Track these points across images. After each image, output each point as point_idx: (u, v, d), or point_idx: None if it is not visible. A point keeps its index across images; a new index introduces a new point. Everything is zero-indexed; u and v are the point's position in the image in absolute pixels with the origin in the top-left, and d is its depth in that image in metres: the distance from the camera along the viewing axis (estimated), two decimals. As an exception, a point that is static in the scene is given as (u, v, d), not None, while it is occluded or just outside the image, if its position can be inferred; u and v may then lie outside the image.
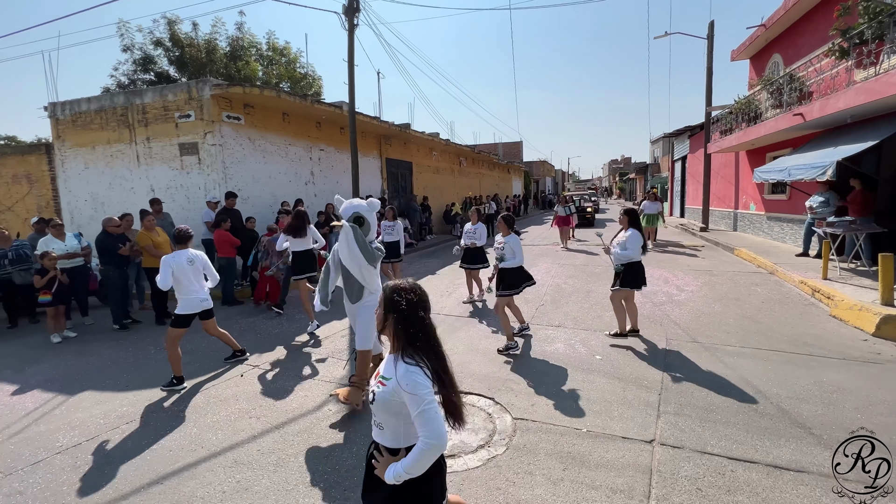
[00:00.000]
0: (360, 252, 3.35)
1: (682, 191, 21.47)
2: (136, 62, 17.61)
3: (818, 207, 8.02)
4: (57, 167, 10.12)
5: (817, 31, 9.53)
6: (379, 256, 3.51)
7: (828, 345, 4.44)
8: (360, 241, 3.33)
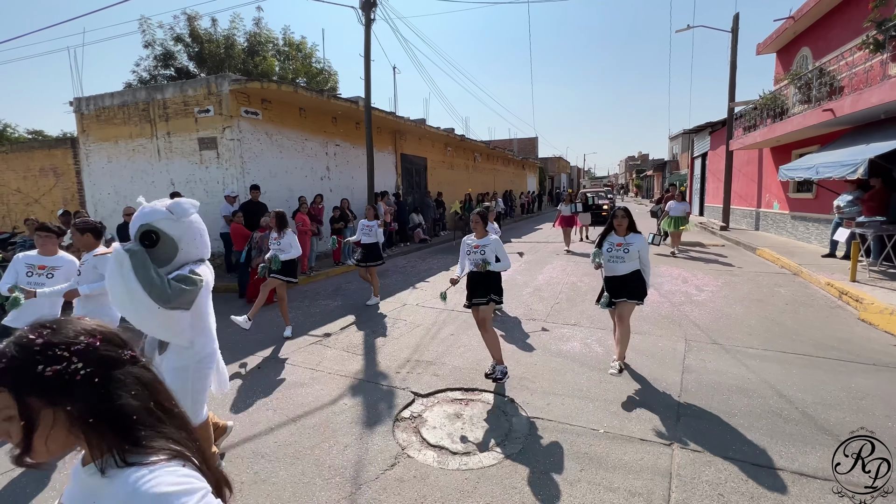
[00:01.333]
0: (141, 289, 1.96)
1: (702, 188, 21.00)
2: (156, 58, 17.95)
3: (846, 207, 7.76)
4: (82, 161, 10.40)
5: (850, 24, 9.16)
6: (182, 293, 2.06)
7: (856, 349, 4.28)
8: (140, 272, 1.97)
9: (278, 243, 5.16)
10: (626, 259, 3.73)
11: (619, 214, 3.80)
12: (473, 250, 3.85)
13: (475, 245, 3.85)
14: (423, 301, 6.65)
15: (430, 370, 4.12)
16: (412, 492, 2.46)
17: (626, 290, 3.77)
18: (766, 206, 13.39)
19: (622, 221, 3.78)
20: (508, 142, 39.07)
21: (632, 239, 3.75)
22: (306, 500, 2.42)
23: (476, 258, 3.81)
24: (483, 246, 3.82)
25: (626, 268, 3.76)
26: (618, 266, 3.77)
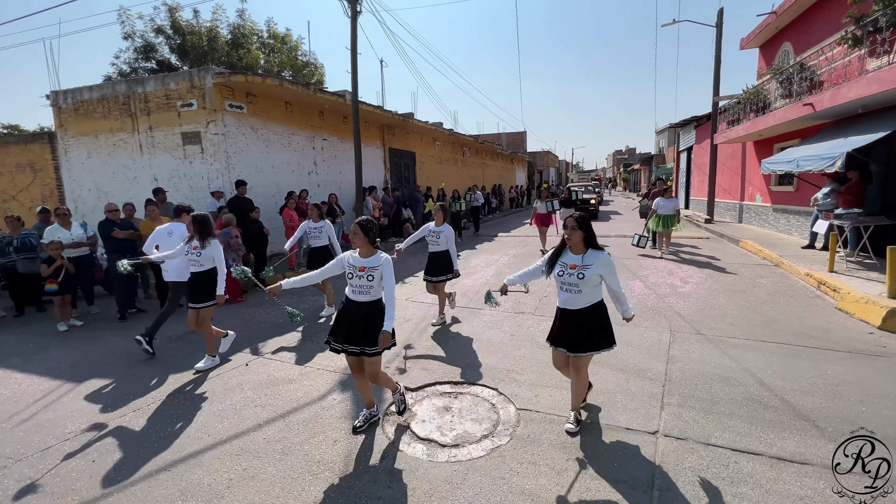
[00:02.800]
0: None
1: (688, 182, 21.29)
2: (137, 50, 17.51)
3: (823, 199, 7.97)
4: (60, 156, 10.12)
5: (830, 19, 9.33)
6: None
7: (833, 337, 4.42)
8: None
9: (198, 253, 4.12)
10: (583, 287, 2.75)
11: (569, 225, 2.78)
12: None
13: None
14: (412, 296, 6.66)
15: (419, 364, 4.14)
16: (402, 485, 2.48)
17: (586, 332, 2.78)
18: (749, 199, 13.64)
19: (574, 234, 2.76)
20: (497, 136, 39.07)
21: (591, 259, 2.75)
22: (296, 496, 2.43)
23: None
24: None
25: (584, 299, 2.78)
26: (574, 297, 2.79)
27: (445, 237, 4.99)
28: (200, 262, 4.18)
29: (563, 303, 2.89)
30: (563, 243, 2.88)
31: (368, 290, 2.90)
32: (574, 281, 2.76)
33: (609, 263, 2.77)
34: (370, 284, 2.89)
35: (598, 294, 2.85)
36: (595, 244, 2.82)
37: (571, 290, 2.80)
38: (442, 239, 5.01)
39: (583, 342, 2.80)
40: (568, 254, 2.86)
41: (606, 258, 2.77)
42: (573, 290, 2.79)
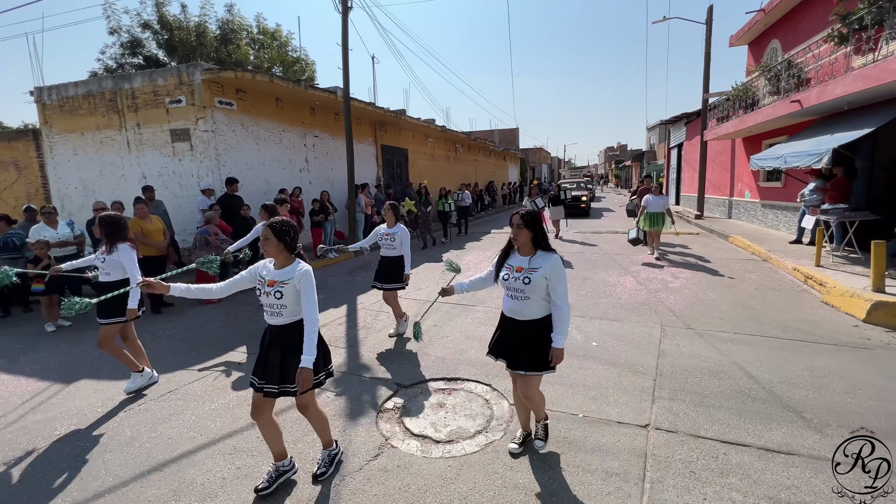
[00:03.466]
0: None
1: (678, 178, 21.50)
2: (123, 45, 17.20)
3: (809, 195, 8.11)
4: (45, 154, 9.93)
5: (817, 17, 9.45)
6: None
7: (819, 331, 4.51)
8: None
9: (102, 260, 3.64)
10: (531, 294, 2.42)
11: (514, 222, 2.48)
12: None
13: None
14: (405, 293, 6.65)
15: (412, 361, 4.14)
16: (396, 481, 2.50)
17: (528, 348, 2.46)
18: (738, 195, 13.82)
19: (520, 233, 2.46)
20: (489, 133, 39.09)
21: (539, 261, 2.42)
22: (290, 492, 2.43)
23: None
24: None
25: (531, 309, 2.45)
26: (520, 305, 2.47)
27: (400, 239, 4.56)
28: (106, 269, 3.66)
29: (507, 310, 2.57)
30: (510, 244, 2.58)
31: (280, 310, 2.34)
32: (520, 286, 2.43)
33: (558, 268, 2.40)
34: (281, 303, 2.32)
35: (547, 309, 2.48)
36: (545, 245, 2.49)
37: (517, 296, 2.47)
38: (396, 242, 4.58)
39: (523, 358, 2.48)
40: (515, 255, 2.56)
41: (556, 261, 2.41)
42: (519, 297, 2.46)
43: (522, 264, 2.47)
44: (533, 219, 2.47)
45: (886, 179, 8.38)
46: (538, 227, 2.47)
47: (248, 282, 2.54)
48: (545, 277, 2.39)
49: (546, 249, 2.48)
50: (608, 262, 8.33)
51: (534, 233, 2.46)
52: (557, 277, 2.39)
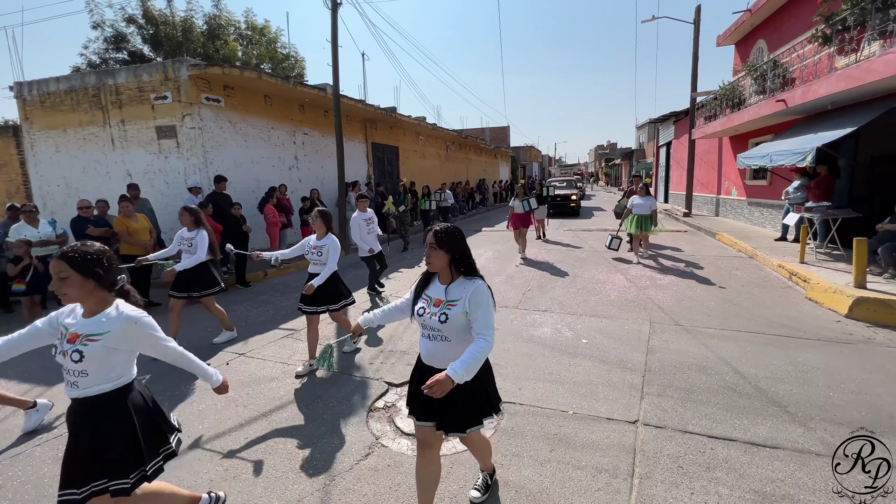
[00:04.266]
0: None
1: (667, 176, 21.74)
2: (107, 40, 16.86)
3: (793, 193, 8.26)
4: (26, 151, 9.69)
5: (802, 17, 9.61)
6: None
7: (803, 326, 4.59)
8: None
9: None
10: (450, 334, 1.91)
11: (427, 241, 1.94)
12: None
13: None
14: (396, 291, 6.64)
15: (403, 360, 4.13)
16: (386, 480, 2.49)
17: (456, 405, 1.93)
18: (725, 193, 14.01)
19: (434, 255, 1.91)
20: (480, 131, 39.11)
21: (458, 291, 1.91)
22: (279, 495, 2.41)
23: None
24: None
25: (454, 354, 1.85)
26: (439, 349, 1.95)
27: (328, 252, 3.88)
28: None
29: (425, 355, 2.01)
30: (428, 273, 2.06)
31: (79, 377, 1.71)
32: (436, 325, 1.89)
33: (479, 294, 1.87)
34: (79, 368, 1.69)
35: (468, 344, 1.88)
36: (469, 269, 1.95)
37: (435, 337, 1.93)
38: (325, 256, 3.89)
39: (450, 418, 1.95)
40: (435, 283, 2.02)
41: (478, 288, 1.89)
42: (437, 338, 1.93)
43: (440, 295, 1.94)
44: (451, 237, 1.91)
45: (868, 177, 8.58)
46: (458, 246, 1.93)
47: (47, 335, 1.85)
48: (465, 312, 1.87)
49: (469, 274, 1.95)
50: (598, 259, 8.39)
51: (452, 254, 1.91)
52: (478, 304, 1.85)
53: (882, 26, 6.17)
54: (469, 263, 1.96)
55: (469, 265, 1.96)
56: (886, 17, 6.09)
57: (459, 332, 1.91)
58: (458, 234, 1.96)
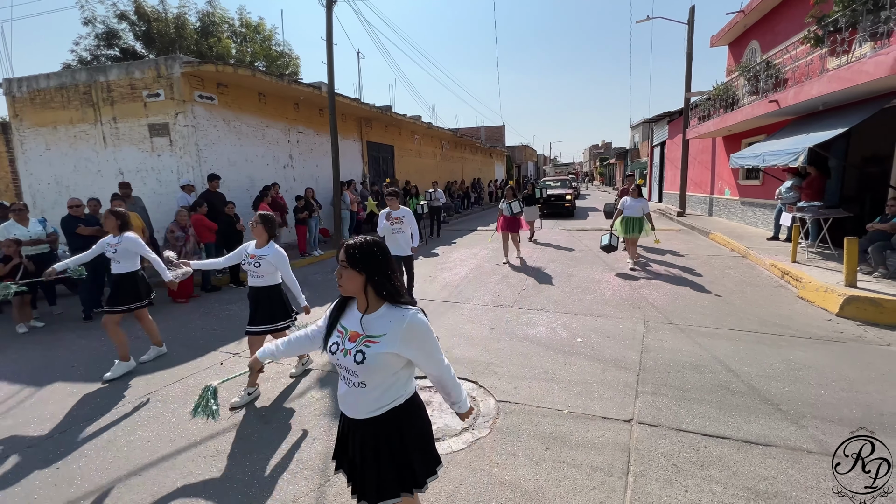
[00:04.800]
0: None
1: (661, 176, 21.86)
2: (98, 36, 16.65)
3: (785, 193, 8.34)
4: (15, 148, 9.55)
5: (794, 19, 9.69)
6: None
7: (795, 325, 4.64)
8: None
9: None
10: (367, 378, 1.52)
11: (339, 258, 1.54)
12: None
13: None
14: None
15: (399, 359, 4.12)
16: (382, 480, 2.48)
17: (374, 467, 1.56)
18: (718, 193, 14.12)
19: (346, 277, 1.52)
20: (476, 130, 39.10)
21: (381, 324, 1.52)
22: (274, 496, 2.39)
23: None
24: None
25: (370, 401, 1.54)
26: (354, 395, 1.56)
27: (271, 263, 3.39)
28: None
29: (341, 401, 1.62)
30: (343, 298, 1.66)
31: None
32: (350, 365, 1.51)
33: (419, 332, 1.49)
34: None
35: (402, 390, 1.59)
36: (393, 294, 1.53)
37: (349, 380, 1.55)
38: (263, 268, 3.38)
39: (369, 482, 1.56)
40: (352, 310, 1.61)
41: (413, 323, 1.48)
42: (351, 382, 1.54)
43: (357, 327, 1.54)
44: (366, 253, 1.50)
45: (859, 178, 8.68)
46: (376, 265, 1.52)
47: None
48: (395, 354, 1.48)
49: (394, 301, 1.53)
50: (593, 258, 8.42)
51: (368, 275, 1.51)
52: (420, 345, 1.50)
53: (873, 28, 6.24)
54: (392, 287, 1.53)
55: (392, 289, 1.53)
56: (877, 18, 6.15)
57: (380, 376, 1.51)
58: (378, 248, 1.54)
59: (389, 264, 1.57)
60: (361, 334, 1.53)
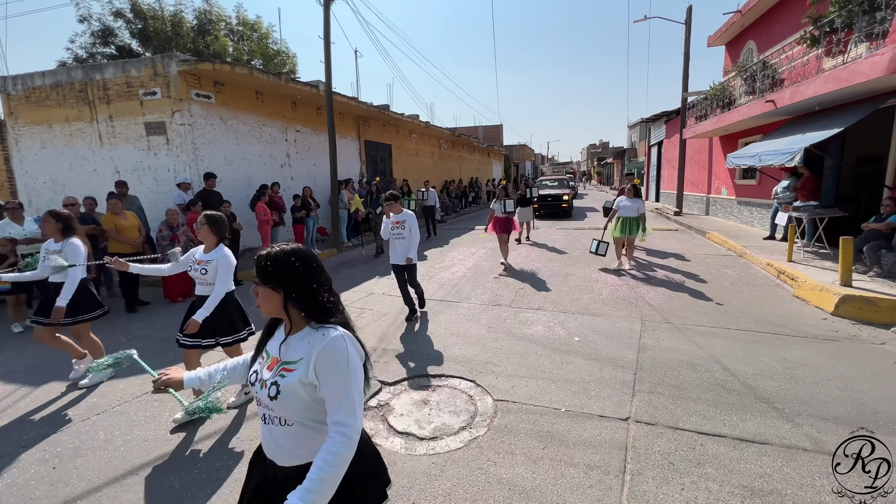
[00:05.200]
0: None
1: (658, 175, 21.92)
2: (94, 34, 16.56)
3: (782, 193, 8.39)
4: (10, 147, 9.49)
5: (791, 19, 9.73)
6: None
7: (791, 324, 4.67)
8: None
9: None
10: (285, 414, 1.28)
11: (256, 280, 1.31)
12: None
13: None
14: (390, 290, 6.62)
15: (396, 358, 4.13)
16: (380, 479, 2.48)
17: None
18: (715, 192, 14.17)
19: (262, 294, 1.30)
20: (473, 129, 39.10)
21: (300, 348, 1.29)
22: (272, 494, 2.39)
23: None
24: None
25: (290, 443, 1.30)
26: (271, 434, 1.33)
27: (215, 269, 3.08)
28: None
29: (264, 443, 1.38)
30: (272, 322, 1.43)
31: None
32: (264, 399, 1.29)
33: (332, 354, 1.23)
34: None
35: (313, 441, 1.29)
36: (319, 311, 1.29)
37: (269, 417, 1.30)
38: (211, 274, 3.09)
39: None
40: (280, 332, 1.38)
41: (331, 345, 1.23)
42: (270, 419, 1.30)
43: (277, 352, 1.33)
44: (281, 265, 1.27)
45: (854, 178, 8.73)
46: (294, 279, 1.27)
47: None
48: (311, 384, 1.23)
49: (320, 319, 1.29)
50: (590, 258, 8.44)
51: (285, 292, 1.27)
52: (329, 370, 1.21)
53: (868, 28, 6.27)
54: (317, 304, 1.28)
55: (317, 306, 1.28)
56: (873, 19, 6.19)
57: (303, 413, 1.26)
58: (298, 258, 1.29)
59: (314, 276, 1.30)
60: (278, 362, 1.30)
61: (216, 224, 3.05)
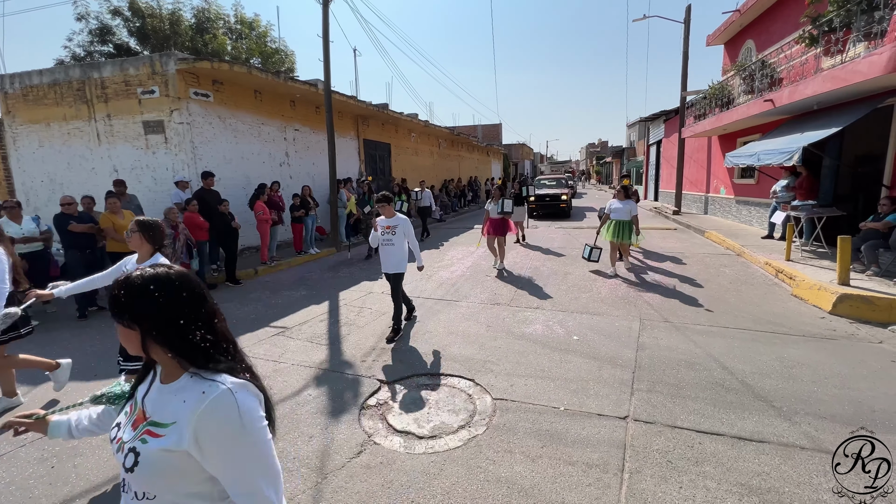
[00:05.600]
0: None
1: (657, 175, 21.93)
2: (92, 32, 16.47)
3: (780, 192, 8.40)
4: (8, 145, 9.47)
5: (789, 18, 9.73)
6: None
7: (789, 322, 4.68)
8: None
9: None
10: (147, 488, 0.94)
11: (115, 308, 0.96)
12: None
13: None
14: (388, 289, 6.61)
15: (395, 357, 4.13)
16: (378, 478, 2.49)
17: None
18: (714, 192, 14.19)
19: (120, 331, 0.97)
20: (473, 128, 39.09)
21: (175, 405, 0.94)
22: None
23: None
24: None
25: None
26: None
27: None
28: None
29: None
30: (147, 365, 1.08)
31: None
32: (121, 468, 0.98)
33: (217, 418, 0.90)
34: None
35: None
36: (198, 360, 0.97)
37: (127, 485, 0.99)
38: None
39: None
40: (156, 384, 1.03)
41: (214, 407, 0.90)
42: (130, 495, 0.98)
43: (143, 406, 1.03)
44: (136, 297, 0.95)
45: (852, 177, 8.75)
46: (158, 313, 0.95)
47: None
48: (187, 454, 0.92)
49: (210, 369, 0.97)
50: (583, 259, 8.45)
51: (144, 330, 0.95)
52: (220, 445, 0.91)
53: (867, 28, 6.28)
54: (191, 345, 0.97)
55: (190, 347, 0.97)
56: (871, 18, 6.19)
57: (174, 487, 0.95)
58: (160, 286, 0.97)
59: (183, 308, 0.97)
60: (144, 419, 0.98)
61: (149, 230, 2.58)
